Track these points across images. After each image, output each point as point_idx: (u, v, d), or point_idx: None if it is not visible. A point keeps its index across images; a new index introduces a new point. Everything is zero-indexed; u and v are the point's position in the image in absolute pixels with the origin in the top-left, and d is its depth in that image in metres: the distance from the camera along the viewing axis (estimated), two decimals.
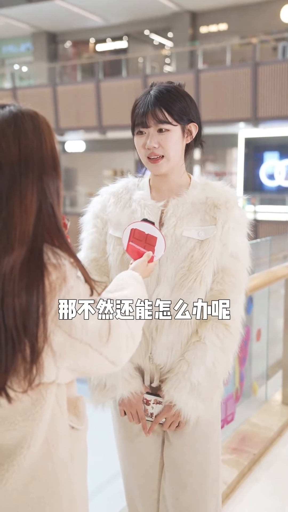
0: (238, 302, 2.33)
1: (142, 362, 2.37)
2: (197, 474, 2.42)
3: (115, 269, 2.36)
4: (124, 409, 2.43)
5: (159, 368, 2.36)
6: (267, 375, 5.50)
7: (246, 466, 4.14)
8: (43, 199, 1.58)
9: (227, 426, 4.34)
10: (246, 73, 19.64)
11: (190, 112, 2.31)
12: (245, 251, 2.37)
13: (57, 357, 1.57)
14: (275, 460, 4.32)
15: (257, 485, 3.99)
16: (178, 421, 2.34)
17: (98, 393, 2.40)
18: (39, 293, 1.51)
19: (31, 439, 1.59)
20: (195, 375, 2.26)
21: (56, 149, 1.65)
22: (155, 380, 2.39)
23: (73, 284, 1.57)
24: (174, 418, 2.34)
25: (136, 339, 1.79)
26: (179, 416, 2.31)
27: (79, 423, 1.78)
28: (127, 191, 2.47)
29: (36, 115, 1.64)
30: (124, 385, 2.35)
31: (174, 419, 2.34)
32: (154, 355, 2.33)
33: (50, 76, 26.03)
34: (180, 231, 2.29)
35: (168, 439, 2.44)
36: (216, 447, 2.49)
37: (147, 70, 22.92)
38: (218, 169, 25.35)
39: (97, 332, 1.61)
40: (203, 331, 2.28)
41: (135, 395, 2.37)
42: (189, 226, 2.30)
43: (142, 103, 2.28)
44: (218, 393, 2.37)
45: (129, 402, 2.39)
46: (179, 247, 2.28)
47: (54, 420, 1.65)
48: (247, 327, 4.94)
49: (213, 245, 2.27)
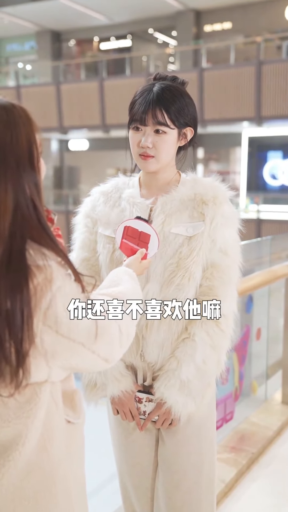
0: (228, 298, 2.32)
1: (134, 360, 2.37)
2: (190, 474, 2.42)
3: (105, 268, 2.37)
4: (116, 408, 2.44)
5: (151, 366, 2.36)
6: (267, 374, 5.50)
7: (245, 465, 4.13)
8: (21, 195, 1.55)
9: (226, 425, 4.34)
10: (250, 72, 19.63)
11: (188, 115, 2.31)
12: (235, 246, 2.35)
13: (48, 357, 1.57)
14: (273, 460, 4.32)
15: (255, 484, 3.99)
16: (170, 419, 2.34)
17: (89, 391, 2.41)
18: (23, 297, 1.49)
19: (26, 436, 1.59)
20: (185, 372, 2.25)
21: (34, 143, 1.60)
22: (147, 378, 2.39)
23: (60, 284, 1.55)
24: (165, 416, 2.33)
25: (130, 335, 1.78)
26: (170, 414, 2.31)
27: (75, 416, 1.78)
28: (116, 190, 2.47)
29: (12, 107, 1.58)
30: (114, 384, 2.36)
31: (166, 417, 2.34)
32: (145, 353, 2.33)
33: (54, 74, 26.05)
34: (168, 228, 2.29)
35: (161, 438, 2.45)
36: (210, 446, 2.49)
37: (151, 69, 22.92)
38: (222, 168, 25.35)
39: (87, 330, 1.60)
40: (192, 328, 2.27)
41: (126, 394, 2.37)
42: (177, 223, 2.30)
43: (143, 100, 2.26)
44: (209, 391, 2.37)
45: (120, 400, 2.39)
46: (167, 244, 2.28)
47: (50, 416, 1.65)
48: (247, 326, 4.95)
49: (201, 241, 2.27)
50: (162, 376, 2.30)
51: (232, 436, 4.52)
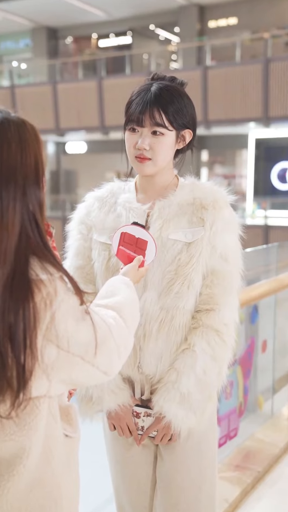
0: (230, 307, 2.34)
1: (131, 372, 2.38)
2: (190, 492, 2.42)
3: (100, 276, 2.39)
4: (113, 423, 2.45)
5: (149, 379, 2.37)
6: (273, 389, 5.48)
7: (250, 484, 4.14)
8: (25, 214, 1.61)
9: (230, 442, 4.34)
10: (257, 70, 19.66)
11: (187, 117, 2.33)
12: (235, 252, 2.38)
13: (49, 371, 1.61)
14: (280, 478, 4.33)
15: (261, 504, 4.00)
16: (169, 434, 2.35)
17: (85, 405, 2.41)
18: (25, 312, 1.54)
19: (30, 448, 1.64)
20: (185, 384, 2.26)
21: (41, 162, 1.66)
22: (145, 392, 2.40)
23: (63, 297, 1.60)
24: (165, 431, 2.34)
25: (129, 347, 1.83)
26: (170, 428, 2.32)
27: (72, 430, 1.82)
28: (112, 195, 2.49)
29: (23, 124, 1.64)
30: (111, 397, 2.36)
31: (165, 432, 2.34)
32: (143, 364, 2.34)
33: (50, 73, 26.10)
34: (166, 233, 2.31)
35: (160, 454, 2.46)
36: (211, 463, 2.49)
37: (152, 67, 22.95)
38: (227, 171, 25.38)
39: (87, 343, 1.65)
40: (192, 338, 2.29)
41: (123, 408, 2.38)
42: (175, 229, 2.32)
43: (140, 100, 2.28)
44: (211, 404, 2.37)
45: (117, 415, 2.40)
46: (165, 250, 2.30)
47: (49, 429, 1.70)
48: (252, 338, 4.95)
49: (201, 247, 2.29)
50: (161, 389, 2.30)
51: (237, 453, 4.51)
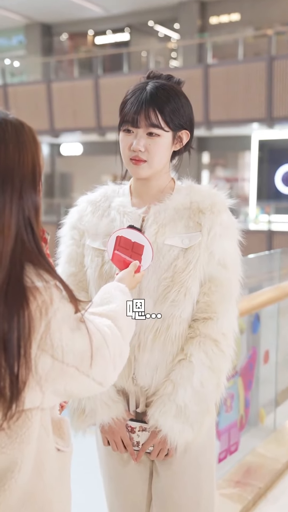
0: (228, 315, 2.34)
1: (125, 384, 2.37)
2: (187, 509, 2.42)
3: (93, 283, 2.39)
4: (106, 437, 2.44)
5: (144, 391, 2.37)
6: (276, 402, 5.47)
7: (251, 501, 4.13)
8: (21, 219, 1.62)
9: (230, 457, 4.33)
10: (260, 68, 19.68)
11: (184, 117, 2.34)
12: (234, 258, 2.38)
13: (42, 382, 1.62)
14: (282, 495, 4.32)
15: None
16: (166, 449, 2.34)
17: (77, 418, 2.40)
18: (19, 326, 1.55)
19: (22, 462, 1.65)
20: (181, 396, 2.26)
21: (39, 165, 1.68)
22: (140, 404, 2.40)
23: (58, 305, 1.61)
24: (161, 445, 2.33)
25: (124, 357, 1.84)
26: (166, 443, 2.31)
27: (64, 444, 1.84)
28: (106, 199, 2.50)
29: (21, 126, 1.66)
30: (104, 410, 2.36)
31: (161, 446, 2.34)
32: (138, 376, 2.34)
33: (45, 71, 26.13)
34: (162, 239, 2.31)
35: (156, 470, 2.45)
36: (209, 479, 2.49)
37: (151, 65, 22.96)
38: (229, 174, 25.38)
39: (82, 353, 1.66)
40: (189, 348, 2.29)
41: (117, 421, 2.37)
42: (171, 234, 2.32)
43: (136, 100, 2.28)
44: (209, 418, 2.36)
45: (111, 429, 2.39)
46: (161, 256, 2.30)
47: (41, 443, 1.71)
48: (253, 348, 4.95)
49: (198, 253, 2.29)
50: (157, 402, 2.30)
51: (237, 469, 4.50)
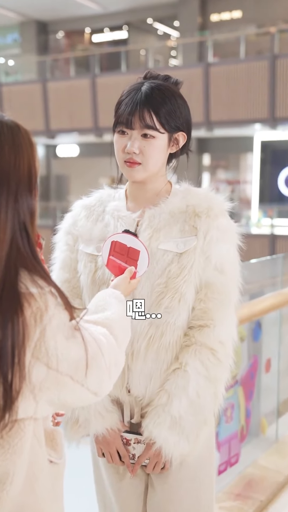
0: (226, 323, 2.33)
1: (119, 393, 2.37)
2: None
3: (86, 289, 2.40)
4: (101, 448, 2.43)
5: (138, 401, 2.36)
6: (278, 412, 5.46)
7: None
8: (17, 223, 1.63)
9: (230, 469, 4.33)
10: (263, 67, 19.71)
11: (180, 119, 2.35)
12: (232, 263, 2.37)
13: (36, 391, 1.62)
14: (284, 508, 4.31)
15: None
16: (161, 462, 2.33)
17: (70, 429, 2.40)
18: (14, 333, 1.56)
19: (14, 473, 1.65)
20: (176, 407, 2.25)
21: (34, 168, 1.69)
22: (135, 415, 2.40)
23: (53, 312, 1.62)
24: (156, 458, 2.32)
25: (119, 366, 1.85)
26: (161, 455, 2.30)
27: (57, 456, 1.85)
28: (100, 203, 2.51)
29: (17, 128, 1.68)
30: (98, 420, 2.35)
31: (157, 459, 2.33)
32: (132, 385, 2.34)
33: (40, 70, 26.15)
34: (156, 244, 2.32)
35: (151, 483, 2.44)
36: (208, 493, 2.48)
37: (149, 64, 23.02)
38: (231, 176, 25.40)
39: (77, 362, 1.67)
40: (184, 357, 2.28)
41: (111, 432, 2.37)
42: (166, 238, 2.32)
43: (130, 100, 2.29)
44: (206, 429, 2.35)
45: (105, 439, 2.38)
46: (155, 261, 2.30)
47: (34, 454, 1.71)
48: (254, 357, 4.96)
49: (193, 258, 2.30)
50: (151, 413, 2.30)
51: (238, 481, 4.50)
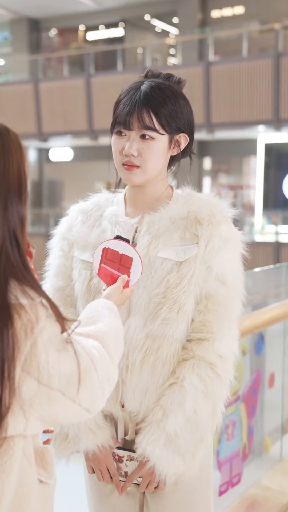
0: (227, 336, 2.31)
1: (113, 408, 2.37)
2: None
3: (81, 298, 2.40)
4: (91, 465, 2.43)
5: (132, 416, 2.36)
6: (282, 429, 5.44)
7: None
8: (6, 230, 1.65)
9: (232, 490, 4.31)
10: (266, 66, 19.75)
11: (182, 120, 2.34)
12: (235, 274, 2.37)
13: (26, 407, 1.63)
14: None
15: None
16: (155, 481, 2.32)
17: (59, 444, 2.40)
18: (3, 346, 1.57)
19: (2, 493, 1.66)
20: (171, 424, 2.24)
21: (24, 173, 1.71)
22: (129, 431, 2.39)
23: (44, 324, 1.63)
24: (149, 477, 2.31)
25: (112, 381, 1.86)
26: (155, 474, 2.29)
27: (47, 476, 1.85)
28: (98, 208, 2.51)
29: (6, 131, 1.69)
30: (88, 437, 2.35)
31: (150, 478, 2.32)
32: (126, 400, 2.33)
33: (32, 70, 26.15)
34: (155, 251, 2.31)
35: (146, 504, 2.44)
36: None
37: (147, 63, 23.03)
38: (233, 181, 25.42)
39: (68, 377, 1.67)
40: (181, 371, 2.27)
41: (102, 449, 2.36)
42: (165, 246, 2.31)
43: (128, 100, 2.29)
44: (202, 448, 2.32)
45: (95, 457, 2.38)
46: (153, 270, 2.30)
47: (23, 473, 1.72)
48: (257, 371, 4.95)
49: (194, 267, 2.28)
50: (145, 429, 2.28)
51: (240, 502, 4.48)
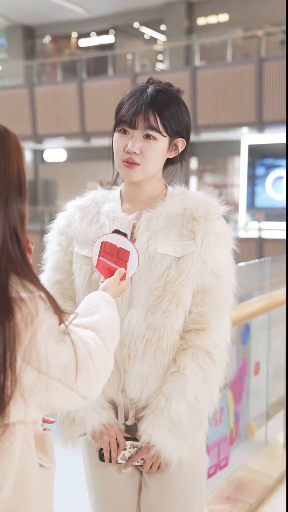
0: (221, 326, 2.35)
1: (114, 395, 2.38)
2: None
3: (82, 292, 2.39)
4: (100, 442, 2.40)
5: (133, 403, 2.38)
6: (267, 415, 5.47)
7: None
8: (7, 227, 1.65)
9: (220, 472, 4.32)
10: (250, 71, 19.79)
11: (182, 124, 2.36)
12: (228, 268, 2.39)
13: (26, 396, 1.63)
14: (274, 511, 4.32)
15: None
16: (158, 463, 2.34)
17: (67, 429, 2.40)
18: (5, 337, 1.57)
19: (4, 477, 1.66)
20: (175, 410, 2.27)
21: (24, 172, 1.71)
22: (130, 417, 2.41)
23: (43, 316, 1.63)
24: (154, 460, 2.34)
25: (108, 370, 1.86)
26: (159, 458, 2.33)
27: (47, 460, 1.85)
28: (95, 204, 2.50)
29: (6, 132, 1.69)
30: (94, 417, 2.36)
31: (154, 461, 2.35)
32: (127, 387, 2.35)
33: (27, 75, 26.12)
34: (154, 247, 2.32)
35: (145, 483, 2.45)
36: (199, 494, 2.49)
37: (136, 68, 23.08)
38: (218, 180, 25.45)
39: (66, 366, 1.68)
40: (182, 360, 2.30)
41: (108, 426, 2.38)
42: (164, 242, 2.33)
43: (135, 101, 2.30)
44: (201, 431, 2.38)
45: (102, 434, 2.38)
46: (153, 265, 2.31)
47: (24, 458, 1.72)
48: (243, 360, 4.96)
49: (191, 262, 2.30)
50: (149, 416, 2.31)
51: (227, 484, 4.49)
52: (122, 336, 2.27)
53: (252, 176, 23.36)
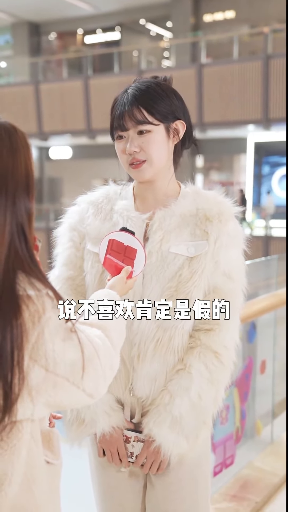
0: (231, 327, 2.35)
1: (121, 394, 2.39)
2: None
3: (92, 290, 2.36)
4: (103, 448, 2.43)
5: (140, 401, 2.39)
6: (273, 413, 5.48)
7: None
8: (15, 225, 1.66)
9: (226, 470, 4.35)
10: (256, 68, 19.75)
11: (175, 109, 2.35)
12: (239, 269, 2.39)
13: (33, 394, 1.64)
14: (280, 510, 4.33)
15: None
16: (158, 461, 2.34)
17: (76, 429, 2.41)
18: (13, 335, 1.58)
19: (12, 474, 1.67)
20: (177, 407, 2.28)
21: (31, 170, 1.72)
22: (136, 415, 2.41)
23: (50, 314, 1.64)
24: (153, 456, 2.34)
25: (114, 368, 1.87)
26: (159, 454, 2.32)
27: (54, 457, 1.88)
28: (108, 201, 2.49)
29: (14, 131, 1.70)
30: (105, 419, 2.36)
31: (154, 457, 2.34)
32: (135, 386, 2.35)
33: (32, 72, 26.15)
34: (167, 246, 2.32)
35: (150, 481, 2.45)
36: (204, 492, 2.50)
37: (142, 65, 23.08)
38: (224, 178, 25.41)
39: (73, 364, 1.69)
40: (189, 359, 2.30)
41: (117, 430, 2.38)
42: (177, 241, 2.32)
43: (118, 104, 2.31)
44: (205, 430, 2.37)
45: (111, 437, 2.38)
46: (165, 264, 2.31)
47: (31, 455, 1.73)
48: (249, 358, 4.97)
49: (204, 263, 2.30)
50: (152, 411, 2.32)
51: (233, 483, 4.51)
52: (132, 336, 2.28)
53: (258, 174, 23.32)
